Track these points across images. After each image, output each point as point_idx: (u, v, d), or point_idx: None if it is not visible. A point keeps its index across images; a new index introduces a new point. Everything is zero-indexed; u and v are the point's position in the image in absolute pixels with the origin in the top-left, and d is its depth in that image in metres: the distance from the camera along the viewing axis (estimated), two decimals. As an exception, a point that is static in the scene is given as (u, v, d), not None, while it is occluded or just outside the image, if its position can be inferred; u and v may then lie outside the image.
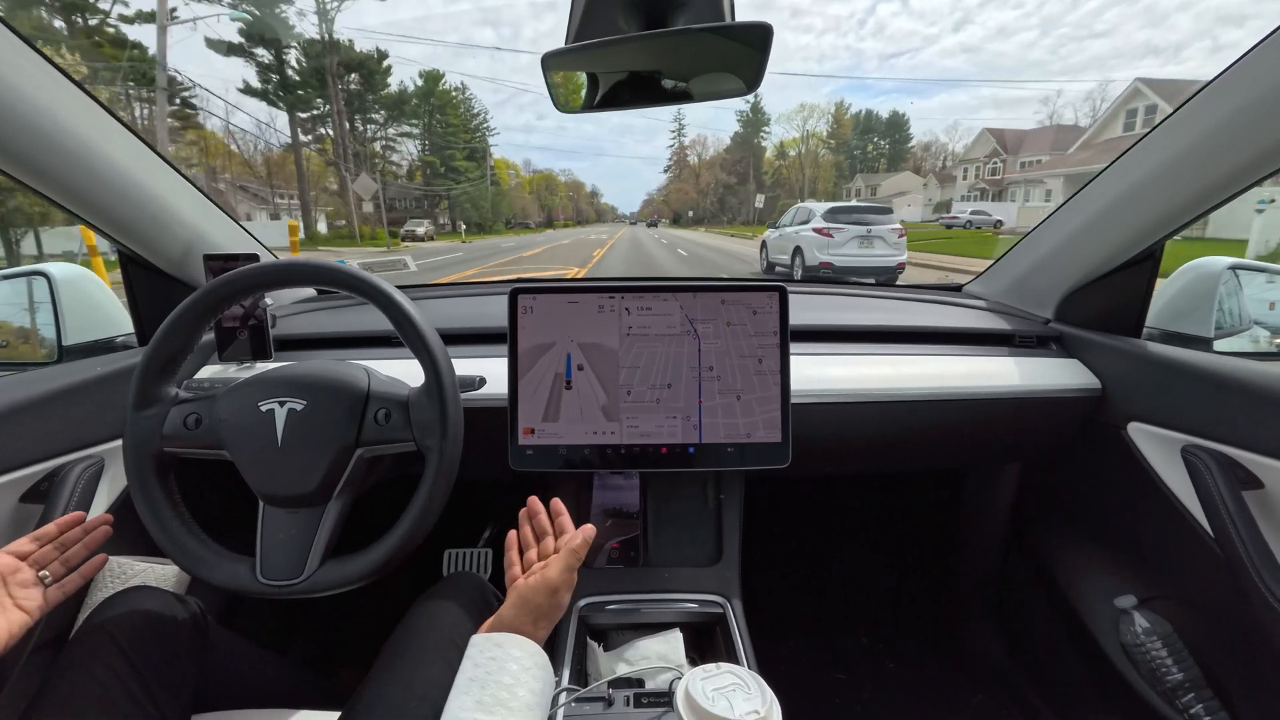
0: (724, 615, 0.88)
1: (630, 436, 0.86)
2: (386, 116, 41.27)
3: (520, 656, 0.57)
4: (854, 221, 8.21)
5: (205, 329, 0.76)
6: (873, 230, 8.13)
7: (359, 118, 39.04)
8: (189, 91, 25.43)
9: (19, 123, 0.73)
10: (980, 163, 36.11)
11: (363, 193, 14.86)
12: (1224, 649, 0.87)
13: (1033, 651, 1.27)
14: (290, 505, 0.72)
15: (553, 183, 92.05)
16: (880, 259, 8.05)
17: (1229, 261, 1.08)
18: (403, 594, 0.84)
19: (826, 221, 8.26)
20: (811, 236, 8.37)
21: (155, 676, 0.67)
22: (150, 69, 17.21)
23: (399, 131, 43.51)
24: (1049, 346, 1.10)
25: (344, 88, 34.19)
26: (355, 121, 39.17)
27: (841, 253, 8.06)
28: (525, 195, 73.69)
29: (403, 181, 45.68)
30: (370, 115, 39.72)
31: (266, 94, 30.44)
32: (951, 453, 1.17)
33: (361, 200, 14.34)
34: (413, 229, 30.23)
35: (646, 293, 0.87)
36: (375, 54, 34.77)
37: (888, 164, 58.25)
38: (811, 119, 64.48)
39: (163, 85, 14.82)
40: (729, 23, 0.65)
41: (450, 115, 46.83)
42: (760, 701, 0.55)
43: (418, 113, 44.43)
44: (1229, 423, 0.81)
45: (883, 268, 8.07)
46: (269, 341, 1.04)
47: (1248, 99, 0.71)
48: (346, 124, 25.71)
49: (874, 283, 2.11)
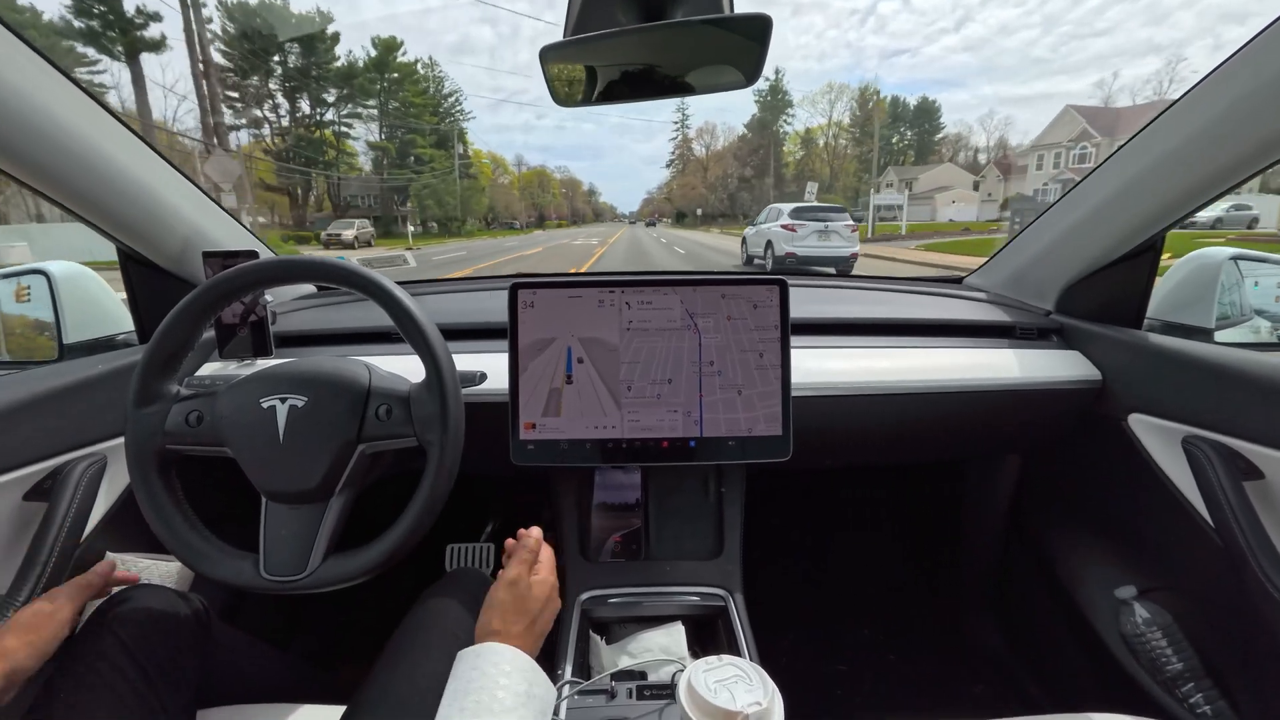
0: (725, 608, 0.89)
1: (631, 430, 0.87)
2: (339, 95, 35.09)
3: (498, 661, 0.57)
4: (814, 219, 10.02)
5: (206, 326, 0.76)
6: (829, 226, 9.91)
7: (301, 96, 33.33)
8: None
9: (16, 120, 0.73)
10: (1063, 148, 31.84)
11: (220, 179, 11.00)
12: (1224, 639, 0.87)
13: (1033, 642, 1.27)
14: (292, 501, 0.72)
15: (545, 180, 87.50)
16: (836, 249, 9.84)
17: (1230, 252, 1.08)
18: (405, 589, 0.85)
19: (792, 219, 10.10)
20: (780, 231, 10.13)
21: (159, 672, 0.68)
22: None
23: (349, 113, 36.83)
24: (1050, 338, 1.10)
25: (281, 59, 28.73)
26: (298, 100, 33.32)
27: (803, 244, 9.86)
28: (513, 192, 68.24)
29: (363, 174, 38.92)
30: (319, 92, 33.88)
31: (92, 32, 20.08)
32: (952, 445, 1.17)
33: (220, 189, 10.49)
34: (337, 233, 24.04)
35: (646, 287, 0.87)
36: (316, 15, 29.23)
37: (915, 156, 52.99)
38: (840, 101, 57.26)
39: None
40: (728, 14, 0.65)
41: (411, 92, 39.38)
42: (762, 693, 0.55)
43: (369, 89, 37.16)
44: (1230, 413, 0.81)
45: (838, 256, 9.82)
46: (269, 338, 1.04)
47: (1248, 89, 0.71)
48: (210, 78, 16.39)
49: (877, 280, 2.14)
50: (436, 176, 40.57)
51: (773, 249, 10.33)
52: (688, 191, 74.54)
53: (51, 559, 0.77)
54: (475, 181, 50.17)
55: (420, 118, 40.74)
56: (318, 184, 38.08)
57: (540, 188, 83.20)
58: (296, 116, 35.38)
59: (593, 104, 0.78)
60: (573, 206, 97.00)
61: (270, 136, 35.35)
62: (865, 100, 56.36)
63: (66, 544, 0.79)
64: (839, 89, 60.79)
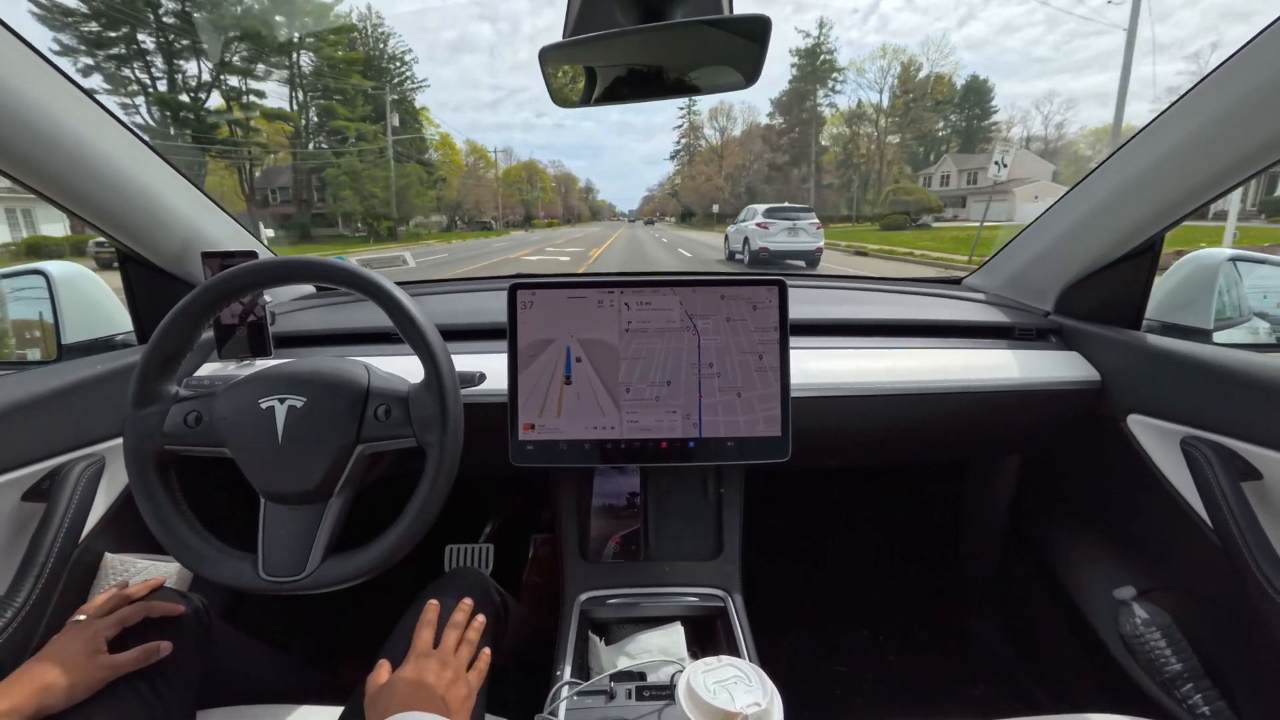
0: (725, 608, 0.89)
1: (630, 431, 0.86)
2: (228, 44, 24.75)
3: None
4: (784, 218, 11.82)
5: (204, 327, 0.76)
6: (797, 224, 11.67)
7: (187, 53, 23.77)
8: None
9: (15, 120, 0.73)
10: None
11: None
12: (1222, 639, 0.87)
13: (1033, 643, 1.27)
14: (291, 502, 0.72)
15: (535, 174, 78.31)
16: (803, 244, 11.62)
17: (1229, 253, 1.08)
18: (404, 589, 0.85)
19: (765, 218, 11.90)
20: (754, 229, 11.90)
21: (159, 673, 0.68)
22: None
23: (244, 66, 25.39)
24: (1049, 339, 1.10)
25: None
26: (180, 58, 23.22)
27: (775, 240, 11.59)
28: (492, 186, 57.00)
29: (269, 159, 27.78)
30: (208, 44, 24.13)
31: None
32: (951, 445, 1.17)
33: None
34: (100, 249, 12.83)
35: (646, 287, 0.87)
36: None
37: (961, 144, 43.03)
38: (896, 64, 43.94)
39: None
40: (727, 15, 0.65)
41: (328, 46, 28.73)
42: (761, 694, 0.55)
43: (266, 36, 26.26)
44: (1228, 414, 0.81)
45: (805, 251, 11.63)
46: (268, 339, 1.04)
47: (1248, 90, 0.71)
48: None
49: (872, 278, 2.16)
50: (368, 161, 29.61)
51: (749, 244, 12.02)
52: (699, 184, 61.48)
53: (50, 560, 0.77)
54: (427, 170, 37.62)
55: (343, 80, 29.24)
56: (227, 175, 28.16)
57: (529, 183, 75.50)
58: (181, 79, 24.83)
59: (592, 105, 0.78)
60: (566, 204, 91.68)
61: (148, 106, 25.05)
62: (910, 73, 43.95)
63: (65, 545, 0.79)
64: (895, 53, 46.56)
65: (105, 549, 0.86)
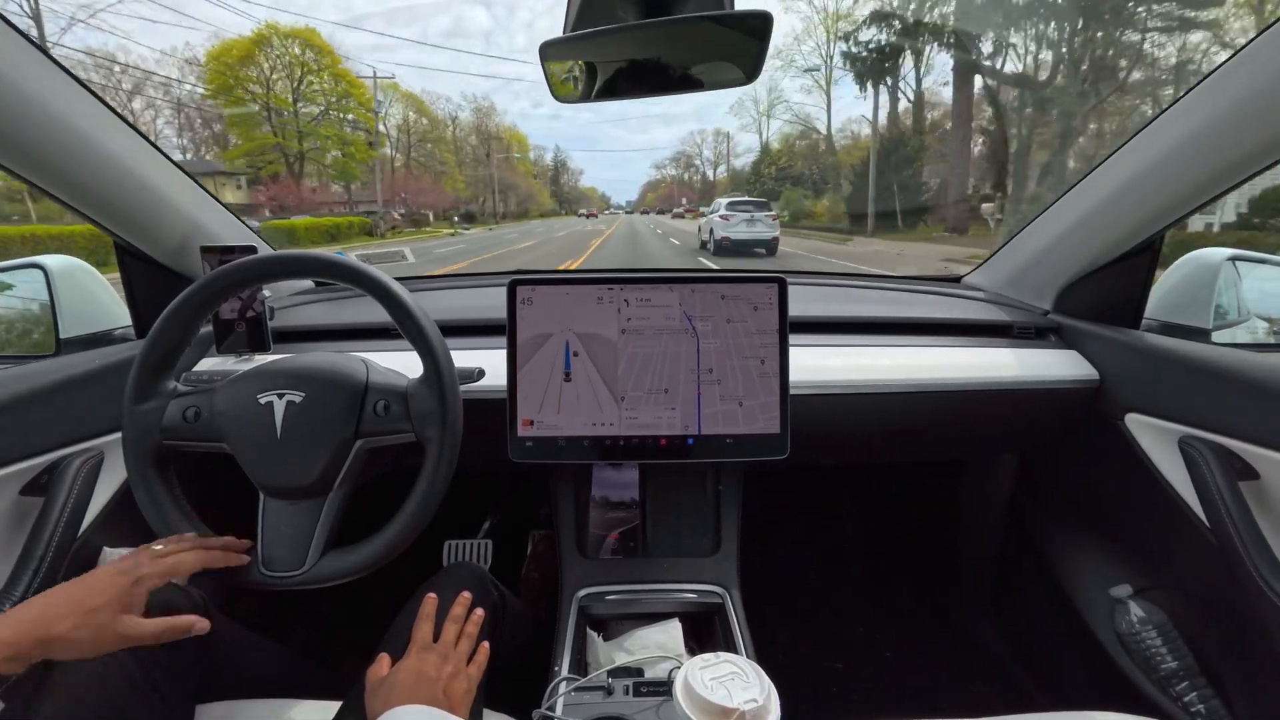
0: (722, 605, 0.89)
1: (629, 428, 0.86)
2: None
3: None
4: (742, 210, 13.49)
5: (203, 321, 0.76)
6: (754, 216, 13.26)
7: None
8: None
9: (12, 113, 0.73)
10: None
11: None
12: (1218, 638, 0.88)
13: (1029, 640, 1.28)
14: (290, 497, 0.72)
15: (503, 147, 53.58)
16: (760, 234, 13.22)
17: (1228, 253, 1.08)
18: (403, 584, 0.85)
19: (727, 210, 13.57)
20: (718, 220, 13.54)
21: (158, 666, 0.68)
22: None
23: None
24: (1047, 337, 1.10)
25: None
26: None
27: (735, 230, 13.15)
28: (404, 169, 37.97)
29: None
30: None
31: None
32: (950, 443, 1.17)
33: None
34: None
35: (645, 284, 0.87)
36: None
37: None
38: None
39: None
40: (728, 11, 0.65)
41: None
42: (758, 690, 0.56)
43: None
44: (1226, 414, 0.81)
45: (762, 240, 13.29)
46: (267, 334, 1.04)
47: (1249, 90, 0.71)
48: None
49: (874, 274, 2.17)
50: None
51: (714, 234, 13.66)
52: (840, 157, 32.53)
53: (48, 554, 0.77)
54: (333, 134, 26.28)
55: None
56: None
57: (488, 159, 50.25)
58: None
59: (592, 100, 0.78)
60: (560, 196, 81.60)
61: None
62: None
63: (63, 539, 0.79)
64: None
65: (103, 543, 0.86)
